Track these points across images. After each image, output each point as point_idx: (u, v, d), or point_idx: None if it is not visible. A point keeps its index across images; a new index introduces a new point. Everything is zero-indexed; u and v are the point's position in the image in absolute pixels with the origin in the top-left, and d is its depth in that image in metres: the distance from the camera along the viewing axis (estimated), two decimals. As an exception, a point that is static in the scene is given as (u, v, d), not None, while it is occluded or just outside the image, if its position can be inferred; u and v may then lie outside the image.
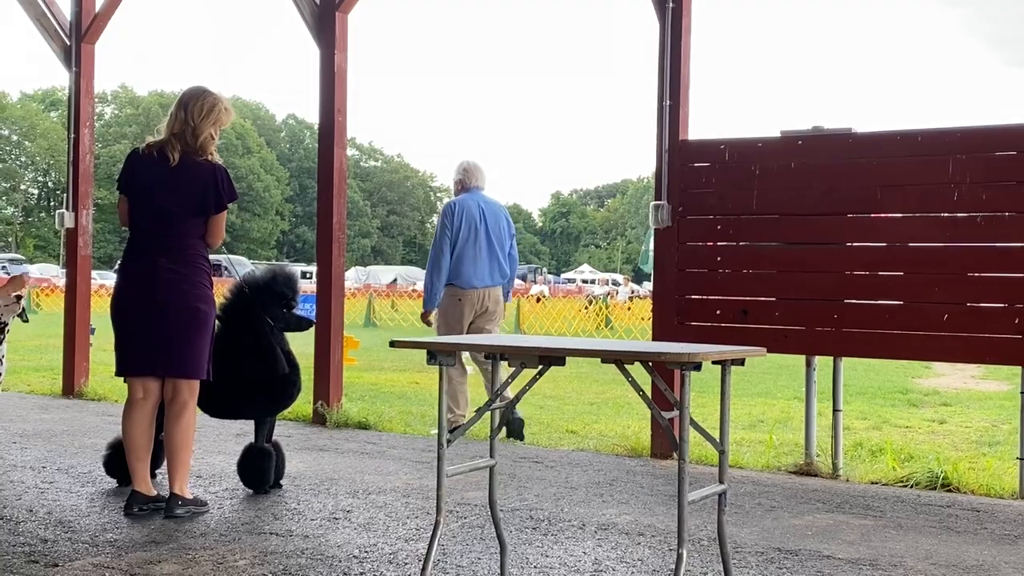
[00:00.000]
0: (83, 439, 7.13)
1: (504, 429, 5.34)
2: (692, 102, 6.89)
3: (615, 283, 58.17)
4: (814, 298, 6.35)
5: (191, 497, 4.99)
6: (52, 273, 48.03)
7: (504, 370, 4.07)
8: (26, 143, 75.34)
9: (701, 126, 7.30)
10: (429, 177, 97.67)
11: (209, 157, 4.95)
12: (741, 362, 3.45)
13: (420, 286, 13.18)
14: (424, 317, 7.83)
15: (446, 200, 7.90)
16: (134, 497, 4.95)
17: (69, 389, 9.59)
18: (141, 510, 4.92)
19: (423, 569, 3.46)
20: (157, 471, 5.57)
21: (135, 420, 4.99)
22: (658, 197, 6.85)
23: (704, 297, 6.71)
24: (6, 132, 75.22)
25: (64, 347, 9.73)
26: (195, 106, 4.90)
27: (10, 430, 7.34)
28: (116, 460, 5.51)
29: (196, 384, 5.03)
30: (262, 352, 5.40)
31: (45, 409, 8.70)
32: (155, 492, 5.02)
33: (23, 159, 76.50)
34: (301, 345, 6.44)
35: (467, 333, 7.43)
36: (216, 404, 5.47)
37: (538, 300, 33.73)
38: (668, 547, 4.51)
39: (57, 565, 4.06)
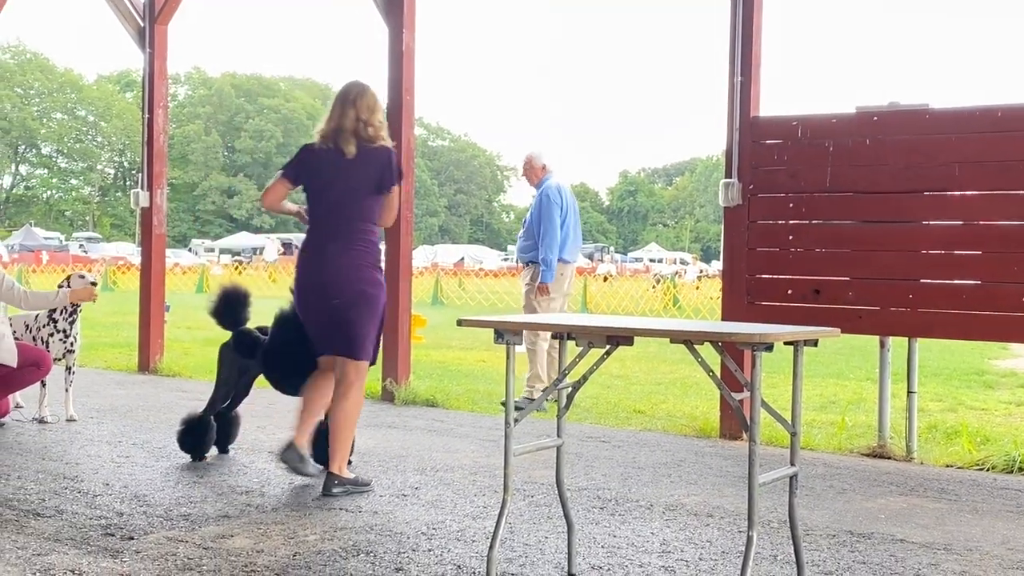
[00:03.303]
0: (158, 414, 7.28)
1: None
2: (764, 78, 6.79)
3: (683, 262, 57.78)
4: (889, 277, 6.22)
5: (350, 477, 5.05)
6: (128, 251, 49.10)
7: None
8: (102, 124, 76.94)
9: (773, 102, 7.23)
10: (496, 156, 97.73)
11: (382, 142, 5.08)
12: (814, 343, 3.39)
13: (487, 265, 13.31)
14: (545, 290, 8.00)
15: (549, 182, 8.24)
16: (289, 447, 5.10)
17: (144, 365, 9.79)
18: (296, 462, 5.06)
19: (491, 547, 3.46)
20: (229, 447, 5.69)
21: (317, 383, 5.18)
22: (728, 175, 6.76)
23: (775, 276, 6.62)
24: (83, 113, 76.90)
25: (139, 324, 9.93)
26: (362, 103, 5.04)
27: (87, 405, 7.52)
28: (190, 435, 5.63)
29: (363, 366, 5.06)
30: None
31: (121, 385, 8.90)
32: (308, 449, 5.15)
33: (99, 139, 78.16)
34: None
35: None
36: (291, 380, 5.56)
37: (605, 279, 33.64)
38: (737, 528, 4.47)
39: (132, 538, 4.15)
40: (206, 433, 5.73)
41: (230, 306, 5.73)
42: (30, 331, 6.86)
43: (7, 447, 5.99)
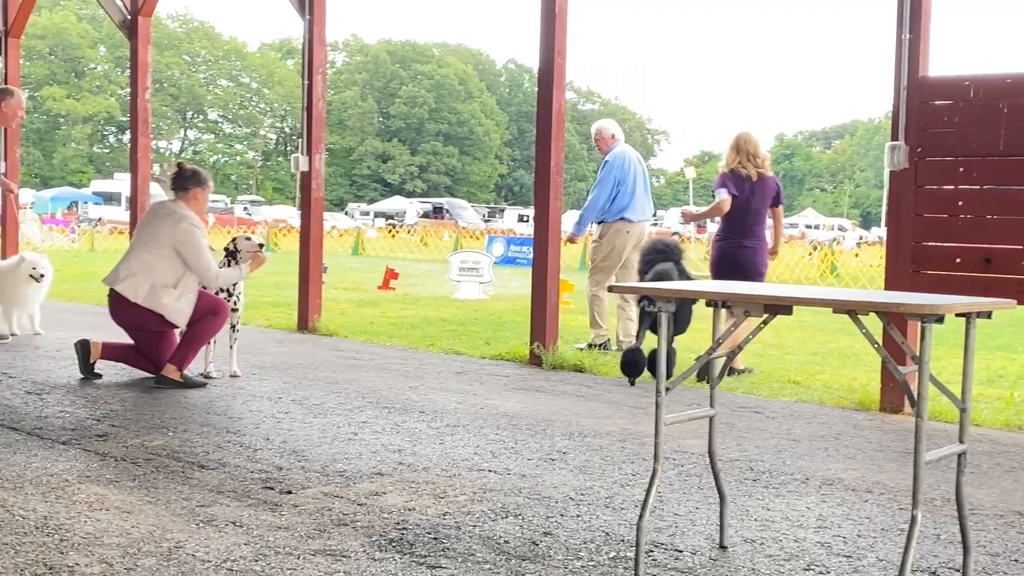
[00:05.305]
0: (316, 372, 7.49)
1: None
2: (933, 35, 6.46)
3: (841, 228, 56.07)
4: (1067, 246, 5.85)
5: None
6: (288, 214, 50.70)
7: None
8: (265, 90, 79.47)
9: (943, 61, 6.95)
10: (647, 120, 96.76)
11: (769, 172, 7.83)
12: (987, 315, 3.20)
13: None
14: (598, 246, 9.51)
15: (616, 150, 9.44)
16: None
17: (303, 324, 10.09)
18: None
19: (640, 515, 3.42)
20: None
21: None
22: (894, 137, 6.47)
23: (943, 244, 6.32)
24: (247, 80, 79.56)
25: (299, 285, 10.23)
26: (751, 145, 7.74)
27: (250, 362, 7.79)
28: (629, 358, 7.22)
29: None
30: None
31: (281, 343, 9.19)
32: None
33: (262, 106, 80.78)
34: (517, 288, 6.45)
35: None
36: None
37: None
38: (898, 506, 4.30)
39: (291, 492, 4.27)
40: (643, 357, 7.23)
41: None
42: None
43: (174, 401, 6.26)
